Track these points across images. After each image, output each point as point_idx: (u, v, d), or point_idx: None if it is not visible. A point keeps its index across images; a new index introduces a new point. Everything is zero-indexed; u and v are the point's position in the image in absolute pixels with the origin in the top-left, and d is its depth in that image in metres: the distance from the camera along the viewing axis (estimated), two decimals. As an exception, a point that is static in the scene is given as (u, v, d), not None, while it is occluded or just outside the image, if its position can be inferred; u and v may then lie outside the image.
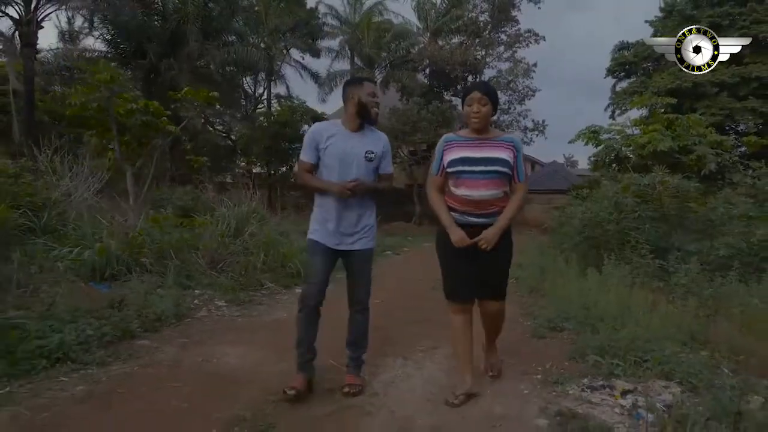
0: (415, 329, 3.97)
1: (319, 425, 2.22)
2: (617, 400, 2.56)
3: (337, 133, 2.68)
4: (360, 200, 2.66)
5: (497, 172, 2.50)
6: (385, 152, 2.76)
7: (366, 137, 2.70)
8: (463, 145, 2.57)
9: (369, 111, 2.66)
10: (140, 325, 3.49)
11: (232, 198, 7.71)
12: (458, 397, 2.51)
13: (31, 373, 2.56)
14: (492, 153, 2.53)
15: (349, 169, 2.61)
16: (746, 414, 2.25)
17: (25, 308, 3.14)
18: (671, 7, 20.98)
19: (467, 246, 2.47)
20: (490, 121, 2.64)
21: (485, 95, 2.50)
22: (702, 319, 3.86)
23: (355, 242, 2.69)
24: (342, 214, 2.64)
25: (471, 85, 2.76)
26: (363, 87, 2.69)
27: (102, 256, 4.59)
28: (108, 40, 14.29)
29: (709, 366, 2.81)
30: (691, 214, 7.42)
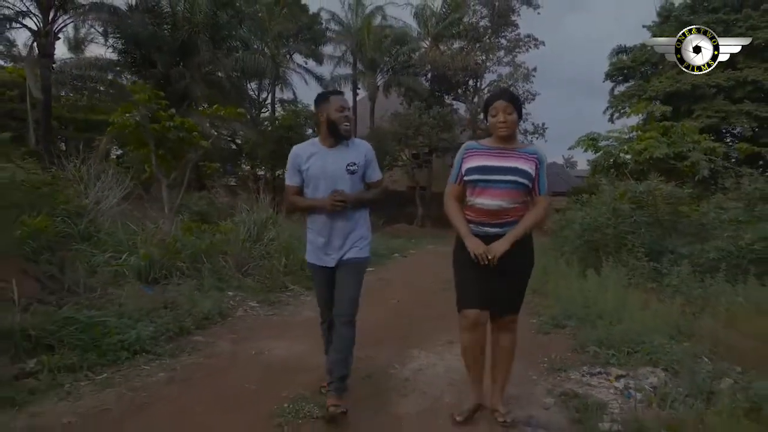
0: (432, 325, 4.46)
1: (365, 403, 2.70)
2: (612, 383, 3.07)
3: (316, 152, 2.66)
4: (347, 214, 2.62)
5: (515, 182, 2.42)
6: (369, 160, 2.72)
7: (346, 150, 2.67)
8: (483, 154, 2.50)
9: (338, 128, 2.61)
10: (192, 323, 3.97)
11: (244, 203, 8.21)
12: (463, 412, 2.55)
13: (117, 363, 3.05)
14: (513, 163, 2.45)
15: (334, 186, 2.59)
16: (717, 393, 2.75)
17: (96, 308, 3.62)
18: (668, 12, 21.53)
19: (484, 256, 2.36)
20: (517, 131, 2.58)
21: (510, 103, 2.44)
22: (688, 315, 4.37)
23: (344, 254, 2.64)
24: (331, 231, 2.62)
25: (494, 93, 2.64)
26: (330, 103, 2.64)
27: (146, 261, 5.07)
28: (119, 49, 14.74)
29: (691, 355, 3.31)
30: (684, 219, 7.95)
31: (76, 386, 2.69)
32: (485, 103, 2.59)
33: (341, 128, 2.61)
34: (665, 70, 20.87)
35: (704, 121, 19.57)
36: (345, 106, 2.67)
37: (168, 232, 5.68)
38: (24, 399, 2.46)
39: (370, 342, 3.26)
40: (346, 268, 2.64)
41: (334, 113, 2.61)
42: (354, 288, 2.64)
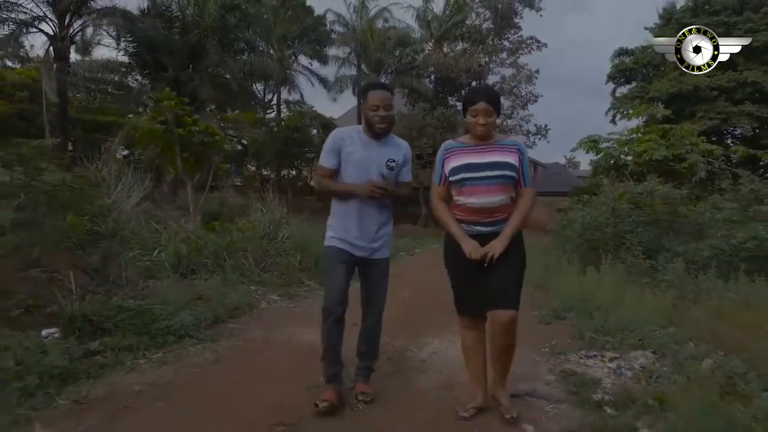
0: (444, 317, 4.81)
1: (390, 379, 3.11)
2: (606, 364, 3.47)
3: (358, 141, 2.67)
4: (381, 206, 2.68)
5: (504, 176, 2.44)
6: (406, 160, 2.76)
7: (387, 145, 2.70)
8: (465, 152, 2.50)
9: (373, 127, 2.62)
10: (225, 312, 4.39)
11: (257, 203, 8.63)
12: (468, 410, 2.54)
13: (166, 345, 3.46)
14: (497, 157, 2.46)
15: (370, 177, 2.60)
16: (698, 371, 3.15)
17: (141, 298, 4.03)
18: (670, 15, 21.93)
19: (482, 257, 2.37)
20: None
21: (491, 105, 2.44)
22: (679, 307, 4.77)
23: (375, 251, 2.71)
24: (364, 220, 2.64)
25: (473, 92, 2.59)
26: (367, 99, 2.66)
27: (175, 257, 5.49)
28: (130, 53, 15.17)
29: (677, 341, 3.71)
30: (680, 218, 8.35)
31: (136, 363, 3.11)
32: (464, 100, 2.56)
33: (376, 128, 2.62)
34: (667, 72, 21.27)
35: (706, 123, 19.97)
36: (379, 104, 2.61)
37: (192, 230, 6.09)
38: (96, 372, 2.87)
39: (388, 330, 3.63)
40: (377, 268, 2.73)
41: (369, 112, 2.63)
42: (386, 288, 2.80)
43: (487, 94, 2.49)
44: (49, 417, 2.34)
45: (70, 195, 4.35)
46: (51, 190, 4.04)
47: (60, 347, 2.90)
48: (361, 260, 2.70)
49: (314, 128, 21.52)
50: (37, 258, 3.80)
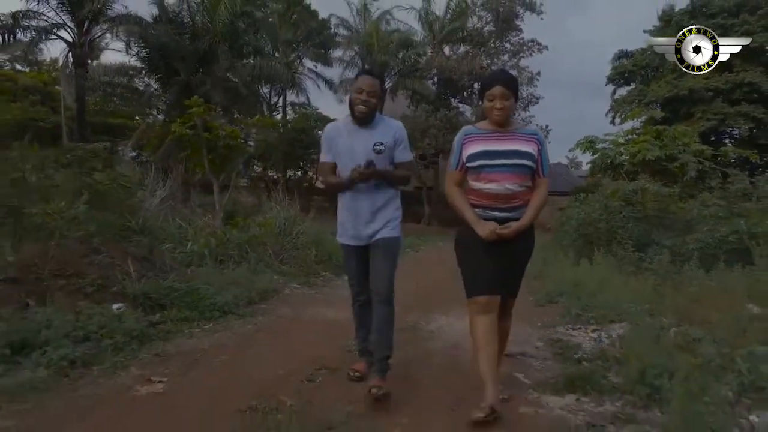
0: (450, 300, 5.47)
1: (405, 345, 3.73)
2: (588, 334, 4.11)
3: (345, 130, 2.73)
4: (374, 193, 2.69)
5: (522, 165, 2.45)
6: (399, 140, 2.73)
7: (374, 129, 2.70)
8: (484, 138, 2.51)
9: (353, 110, 2.66)
10: (256, 295, 5.03)
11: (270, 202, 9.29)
12: (483, 408, 2.32)
13: (213, 319, 4.10)
14: (516, 146, 2.47)
15: (357, 164, 2.62)
16: (664, 337, 3.77)
17: (185, 281, 4.67)
18: (669, 18, 22.55)
19: (498, 239, 2.41)
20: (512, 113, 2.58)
21: (508, 89, 2.43)
22: (659, 291, 5.39)
23: (374, 234, 2.70)
24: (358, 209, 2.69)
25: (491, 76, 2.60)
26: (355, 83, 2.74)
27: (206, 249, 6.13)
28: (143, 57, 15.84)
29: (651, 316, 4.34)
30: (670, 214, 8.98)
31: (193, 332, 3.75)
32: (482, 84, 2.58)
33: (355, 111, 2.65)
34: (665, 74, 21.90)
35: (704, 124, 20.57)
36: (364, 88, 2.64)
37: (218, 225, 6.74)
38: (164, 336, 3.52)
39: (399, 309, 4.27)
40: (378, 248, 2.70)
41: (353, 94, 2.68)
42: (388, 268, 2.69)
43: (503, 77, 2.51)
44: (138, 365, 2.98)
45: (118, 193, 4.97)
46: (106, 188, 4.67)
47: (132, 317, 3.54)
48: (363, 248, 2.76)
49: (319, 130, 22.16)
50: (97, 246, 4.45)
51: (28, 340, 2.91)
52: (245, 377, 2.85)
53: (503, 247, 2.46)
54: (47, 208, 3.83)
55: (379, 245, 2.70)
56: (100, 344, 3.09)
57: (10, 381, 2.54)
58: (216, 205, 7.23)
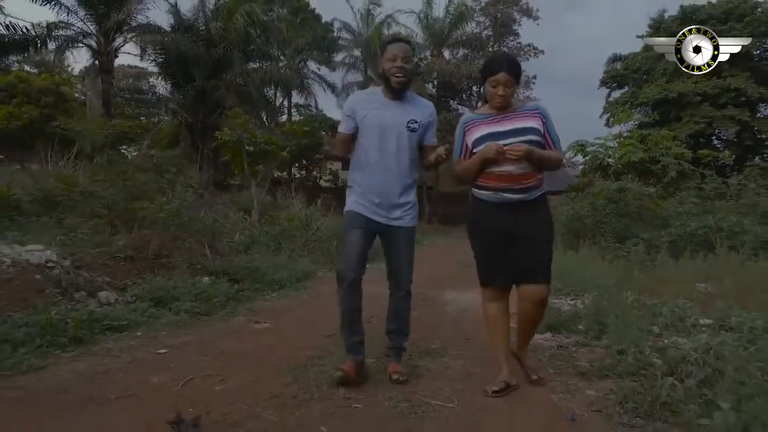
0: (457, 282, 6.76)
1: (424, 308, 4.98)
2: (567, 302, 5.36)
3: (376, 102, 2.63)
4: (405, 168, 2.63)
5: (530, 142, 2.43)
6: (431, 122, 2.70)
7: (408, 105, 2.64)
8: (486, 122, 2.52)
9: (389, 80, 2.55)
10: (300, 275, 6.26)
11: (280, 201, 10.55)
12: (498, 383, 2.52)
13: (275, 290, 5.34)
14: (520, 123, 2.47)
15: (389, 140, 2.56)
16: (623, 301, 5.03)
17: (248, 263, 5.90)
18: (659, 24, 23.90)
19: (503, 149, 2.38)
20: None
21: (511, 75, 2.44)
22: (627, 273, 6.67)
23: (398, 217, 2.64)
24: (386, 183, 2.61)
25: (495, 60, 2.57)
26: (385, 52, 2.61)
27: (248, 239, 7.36)
28: (160, 63, 17.01)
29: (616, 289, 5.60)
30: (648, 211, 10.28)
31: (265, 298, 4.99)
32: (484, 67, 2.56)
33: (392, 80, 2.54)
34: (656, 78, 23.26)
35: (692, 127, 21.93)
36: (398, 54, 2.55)
37: (256, 220, 7.98)
38: (247, 300, 4.75)
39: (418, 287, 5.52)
40: (401, 236, 2.67)
41: (386, 63, 2.56)
42: (411, 259, 2.75)
43: (509, 63, 2.48)
44: (242, 315, 4.22)
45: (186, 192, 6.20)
46: (184, 188, 5.90)
47: (223, 286, 4.78)
48: (380, 227, 2.66)
49: (324, 131, 23.38)
50: (179, 234, 5.68)
51: (161, 298, 4.14)
52: (315, 322, 4.08)
53: (517, 228, 2.50)
54: (152, 205, 5.04)
55: (403, 234, 2.69)
56: (208, 302, 4.32)
57: (162, 321, 3.77)
58: (254, 202, 8.46)
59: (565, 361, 3.28)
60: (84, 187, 5.92)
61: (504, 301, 2.71)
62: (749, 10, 22.80)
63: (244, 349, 3.16)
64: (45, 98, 23.53)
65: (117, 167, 5.42)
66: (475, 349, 3.41)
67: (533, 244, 2.55)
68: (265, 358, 2.98)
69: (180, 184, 6.35)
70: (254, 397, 2.27)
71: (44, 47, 14.00)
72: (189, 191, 6.59)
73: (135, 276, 4.62)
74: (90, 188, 5.65)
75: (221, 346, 3.22)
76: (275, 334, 3.64)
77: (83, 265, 4.30)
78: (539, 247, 2.58)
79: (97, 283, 4.14)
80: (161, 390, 2.33)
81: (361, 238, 2.65)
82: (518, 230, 2.51)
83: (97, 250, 4.66)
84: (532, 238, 2.54)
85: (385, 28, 25.12)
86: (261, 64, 19.29)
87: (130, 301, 4.06)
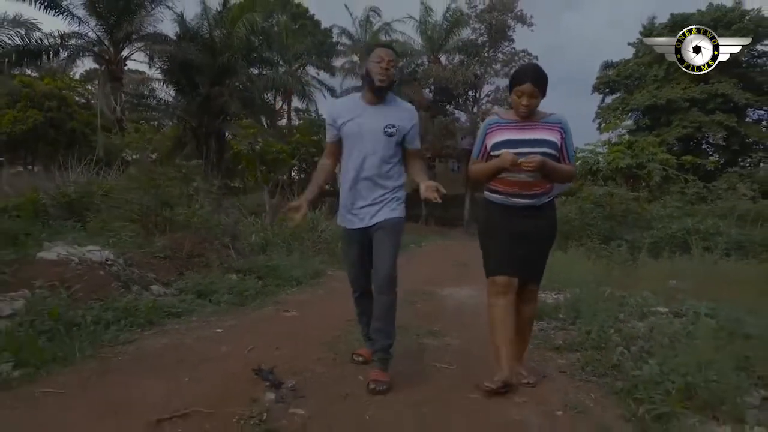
0: (456, 279, 7.53)
1: (427, 301, 5.74)
2: (552, 295, 6.13)
3: (355, 108, 2.68)
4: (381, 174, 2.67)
5: (544, 153, 2.52)
6: (413, 125, 2.72)
7: (387, 109, 2.67)
8: (507, 128, 2.63)
9: (371, 77, 2.59)
10: (312, 273, 7.01)
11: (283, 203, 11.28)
12: (495, 381, 2.59)
13: (293, 286, 6.09)
14: (538, 135, 2.58)
15: (366, 145, 2.61)
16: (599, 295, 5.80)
17: (267, 263, 6.64)
18: (649, 31, 24.82)
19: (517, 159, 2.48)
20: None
21: (537, 88, 2.52)
22: (607, 270, 7.46)
23: (374, 215, 2.67)
24: (356, 190, 2.68)
25: (522, 72, 2.64)
26: (372, 55, 2.66)
27: (263, 240, 8.10)
28: (165, 71, 17.70)
29: (596, 284, 6.37)
30: (633, 214, 11.11)
31: (286, 292, 5.73)
32: (512, 77, 2.64)
33: (375, 79, 2.58)
34: (647, 84, 24.19)
35: (681, 131, 22.88)
36: (384, 56, 2.61)
37: (269, 223, 8.72)
38: (272, 294, 5.50)
39: (419, 282, 6.23)
40: (380, 230, 2.67)
41: (372, 64, 2.61)
42: (390, 252, 2.63)
43: (535, 76, 2.56)
44: (271, 306, 4.96)
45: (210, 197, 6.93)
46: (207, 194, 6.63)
47: (250, 281, 5.52)
48: (366, 232, 2.71)
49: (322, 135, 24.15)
50: (206, 236, 6.42)
51: (201, 291, 4.88)
52: (334, 311, 4.81)
53: (523, 230, 2.67)
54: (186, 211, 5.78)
55: (381, 228, 2.67)
56: (241, 295, 5.06)
57: (207, 310, 4.49)
58: (266, 206, 9.21)
59: (543, 340, 4.05)
60: (120, 194, 6.64)
61: (510, 297, 2.72)
62: (737, 18, 23.75)
63: (283, 330, 3.91)
64: (48, 102, 24.22)
65: (148, 176, 6.10)
66: (472, 332, 4.16)
67: (536, 247, 2.74)
68: (302, 335, 3.73)
69: (203, 191, 7.07)
70: (304, 359, 3.03)
71: (56, 56, 14.66)
72: (212, 197, 7.32)
73: (174, 273, 5.36)
74: (127, 195, 6.36)
75: (263, 328, 3.97)
76: (303, 320, 4.39)
77: (133, 263, 5.03)
78: (539, 253, 2.79)
79: (147, 278, 4.88)
80: (232, 355, 3.07)
81: (357, 253, 2.79)
82: (525, 232, 2.68)
83: (141, 250, 5.40)
84: (537, 241, 2.73)
85: (384, 35, 25.94)
86: (262, 70, 20.01)
87: (176, 294, 4.79)
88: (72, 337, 3.05)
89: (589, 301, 5.21)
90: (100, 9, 14.49)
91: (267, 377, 2.50)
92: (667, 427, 2.26)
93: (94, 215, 7.91)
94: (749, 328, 3.36)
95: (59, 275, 4.09)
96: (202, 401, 2.27)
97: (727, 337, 3.35)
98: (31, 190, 9.44)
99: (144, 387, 2.47)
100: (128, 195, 6.42)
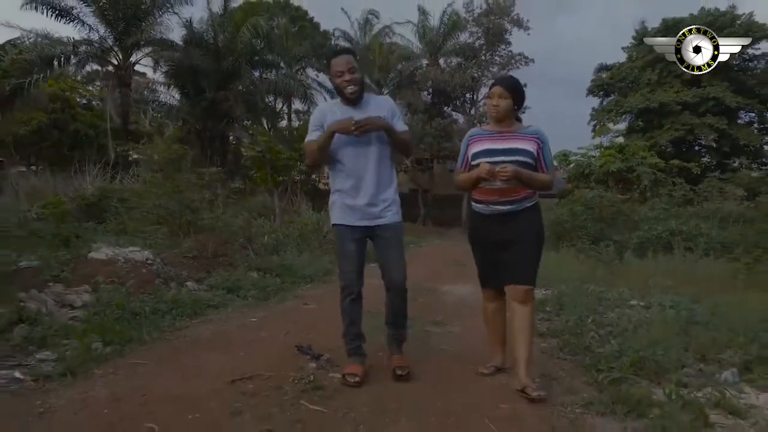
0: (454, 278, 8.23)
1: (428, 296, 6.43)
2: (541, 292, 6.84)
3: (337, 111, 2.79)
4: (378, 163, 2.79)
5: (519, 162, 2.70)
6: (394, 112, 2.86)
7: (366, 107, 2.78)
8: (486, 138, 2.84)
9: (343, 92, 2.71)
10: (323, 271, 7.70)
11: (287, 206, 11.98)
12: (488, 367, 3.04)
13: (308, 283, 6.78)
14: (515, 144, 2.76)
15: (356, 145, 2.73)
16: (582, 291, 6.51)
17: (282, 262, 7.33)
18: (642, 36, 25.59)
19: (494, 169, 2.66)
20: (514, 115, 2.88)
21: (506, 90, 2.76)
22: (593, 268, 8.18)
23: (380, 215, 2.80)
24: (359, 185, 2.77)
25: (496, 79, 3.01)
26: (331, 68, 2.76)
27: (275, 241, 8.79)
28: (171, 74, 18.34)
29: (582, 281, 7.09)
30: (621, 216, 11.84)
31: (302, 288, 6.42)
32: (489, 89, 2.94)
33: (346, 93, 2.72)
34: (641, 87, 24.97)
35: (673, 134, 23.67)
36: (342, 69, 2.69)
37: (279, 225, 9.41)
38: (289, 290, 6.19)
39: (419, 279, 6.95)
40: (386, 235, 2.83)
41: (335, 80, 2.73)
42: (400, 254, 2.87)
43: (504, 80, 2.89)
44: (291, 300, 5.64)
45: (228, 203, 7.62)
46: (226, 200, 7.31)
47: (270, 278, 6.20)
48: (368, 230, 2.85)
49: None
50: (226, 238, 7.11)
51: (230, 287, 5.57)
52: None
53: (506, 236, 2.84)
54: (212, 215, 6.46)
55: (387, 231, 2.84)
56: (264, 291, 5.75)
57: (237, 303, 5.17)
58: (276, 208, 9.90)
59: (530, 328, 4.75)
60: (144, 199, 7.32)
61: (499, 301, 3.10)
62: (728, 22, 24.51)
63: (307, 319, 4.61)
64: (52, 104, 24.81)
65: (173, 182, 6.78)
66: (469, 322, 4.85)
67: (518, 248, 2.83)
68: (324, 323, 4.42)
69: (222, 196, 7.75)
70: (335, 339, 3.68)
71: (66, 63, 15.28)
72: (229, 202, 8.00)
73: (203, 271, 6.05)
74: (151, 200, 7.04)
75: (290, 317, 4.66)
76: (323, 312, 5.07)
77: (168, 263, 5.72)
78: (523, 249, 2.83)
79: (182, 276, 5.57)
80: (273, 338, 3.77)
81: (354, 251, 2.89)
82: (507, 237, 2.83)
83: (173, 251, 6.08)
84: (518, 243, 2.82)
85: (383, 38, 26.62)
86: (264, 73, 20.66)
87: (207, 290, 5.48)
88: (139, 324, 3.73)
89: (572, 296, 5.93)
90: (109, 17, 15.13)
91: (307, 352, 3.20)
92: (620, 389, 2.96)
93: (114, 218, 8.61)
94: (698, 317, 4.08)
95: (112, 273, 4.78)
96: (261, 368, 2.97)
97: (683, 323, 4.07)
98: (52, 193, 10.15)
99: (211, 359, 3.17)
100: (155, 200, 7.08)
